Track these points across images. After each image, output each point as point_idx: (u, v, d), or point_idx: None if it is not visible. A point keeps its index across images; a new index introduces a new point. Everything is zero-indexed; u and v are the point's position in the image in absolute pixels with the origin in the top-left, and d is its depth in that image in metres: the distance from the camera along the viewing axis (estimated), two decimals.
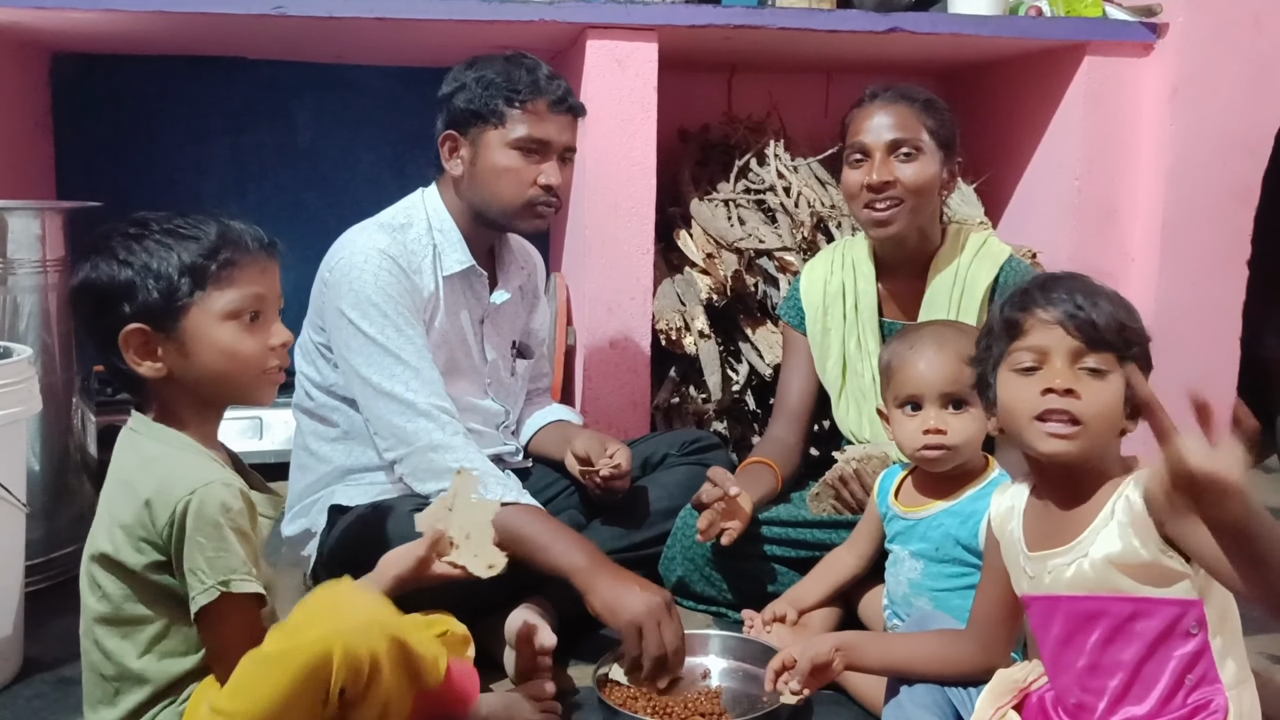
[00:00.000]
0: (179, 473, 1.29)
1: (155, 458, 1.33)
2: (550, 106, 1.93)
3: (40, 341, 2.07)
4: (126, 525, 1.30)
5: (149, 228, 1.34)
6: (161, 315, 1.32)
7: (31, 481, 1.89)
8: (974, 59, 3.11)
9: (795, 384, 2.20)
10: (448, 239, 2.00)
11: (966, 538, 1.67)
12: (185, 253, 1.32)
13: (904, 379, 1.71)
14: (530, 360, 2.21)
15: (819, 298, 2.16)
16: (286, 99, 3.16)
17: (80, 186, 2.99)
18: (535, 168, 1.94)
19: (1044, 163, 2.91)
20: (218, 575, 1.26)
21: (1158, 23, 2.70)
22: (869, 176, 1.99)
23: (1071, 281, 1.32)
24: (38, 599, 1.96)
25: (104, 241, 1.34)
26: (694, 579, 2.01)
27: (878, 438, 2.08)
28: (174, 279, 1.31)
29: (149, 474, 1.30)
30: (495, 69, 1.94)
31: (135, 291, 1.31)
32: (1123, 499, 1.25)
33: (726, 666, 1.75)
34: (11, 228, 2.06)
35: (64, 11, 2.39)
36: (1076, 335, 1.27)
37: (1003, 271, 2.05)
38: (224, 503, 1.28)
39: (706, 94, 3.17)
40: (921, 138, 2.00)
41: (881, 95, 2.04)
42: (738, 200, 2.82)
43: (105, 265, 1.32)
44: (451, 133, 1.97)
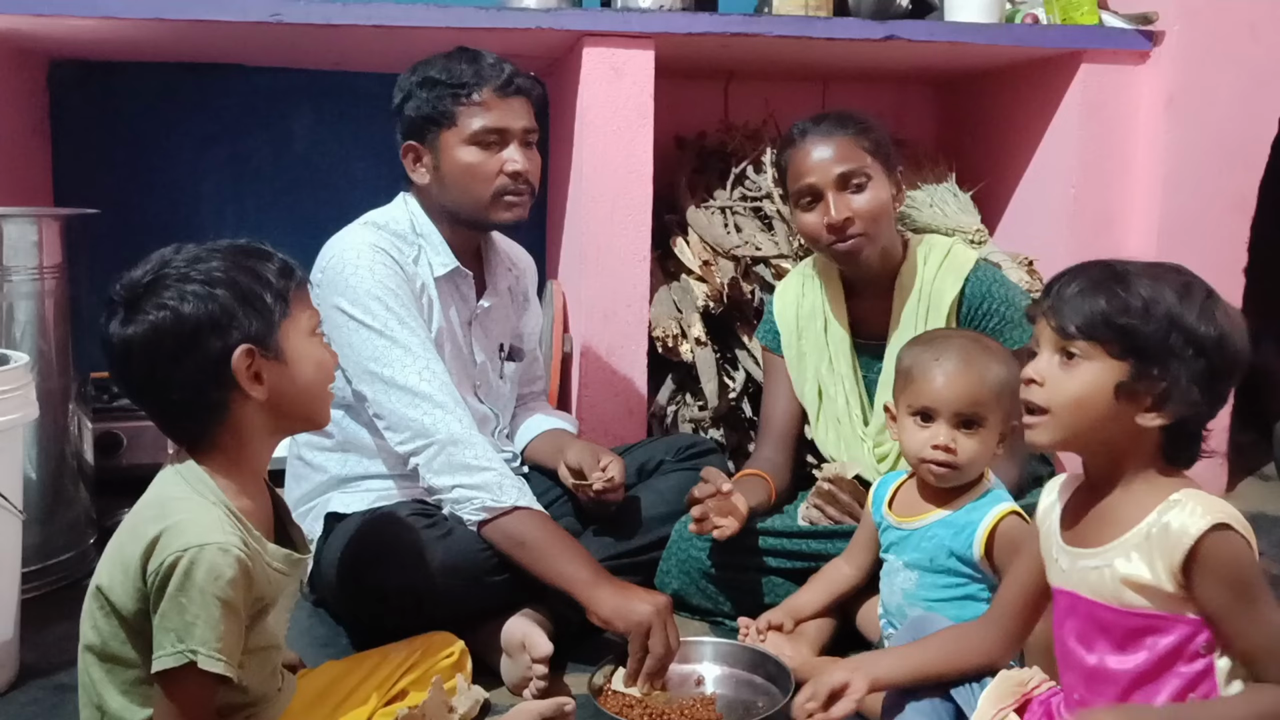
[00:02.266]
0: (185, 524, 1.26)
1: (174, 500, 1.30)
2: (498, 92, 1.91)
3: (37, 348, 2.07)
4: (126, 565, 1.27)
5: (209, 259, 1.32)
6: (264, 336, 1.32)
7: (28, 488, 1.89)
8: (970, 67, 3.11)
9: (779, 406, 2.20)
10: (430, 242, 1.99)
11: (961, 549, 1.66)
12: (269, 275, 1.34)
13: (921, 389, 1.67)
14: (520, 363, 2.21)
15: (792, 320, 2.16)
16: (284, 106, 3.16)
17: (78, 193, 2.99)
18: (498, 157, 1.92)
19: (1040, 171, 2.91)
20: (190, 643, 1.22)
21: (1154, 31, 2.71)
22: (826, 216, 1.96)
23: (1092, 268, 1.31)
24: (34, 606, 1.96)
25: (171, 275, 1.30)
26: (690, 592, 2.01)
27: (854, 460, 2.09)
28: (268, 300, 1.32)
29: (161, 518, 1.27)
30: (436, 68, 1.92)
31: (235, 315, 1.30)
32: (1160, 524, 1.24)
33: (721, 673, 1.75)
34: (8, 234, 2.05)
35: (62, 18, 2.40)
36: (1052, 321, 1.29)
37: (968, 283, 2.02)
38: (214, 569, 1.23)
39: (703, 101, 3.18)
40: (866, 163, 1.97)
41: (813, 130, 2.00)
42: (734, 207, 2.83)
43: (192, 298, 1.28)
44: (411, 143, 1.96)
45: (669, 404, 2.65)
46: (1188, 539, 1.21)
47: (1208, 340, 1.22)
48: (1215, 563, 1.21)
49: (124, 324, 1.29)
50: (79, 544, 2.22)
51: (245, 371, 1.30)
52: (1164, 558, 1.23)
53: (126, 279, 1.31)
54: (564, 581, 1.72)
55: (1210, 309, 1.24)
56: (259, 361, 1.32)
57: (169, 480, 1.34)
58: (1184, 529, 1.21)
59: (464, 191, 1.94)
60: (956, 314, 2.02)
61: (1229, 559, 1.21)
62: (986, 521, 1.65)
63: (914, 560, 1.71)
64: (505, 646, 1.75)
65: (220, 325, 1.29)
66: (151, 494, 1.34)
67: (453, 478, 1.80)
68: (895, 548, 1.75)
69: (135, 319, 1.28)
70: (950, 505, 1.70)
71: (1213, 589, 1.21)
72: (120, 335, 1.29)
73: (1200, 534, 1.20)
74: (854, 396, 2.10)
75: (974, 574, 1.67)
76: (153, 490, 1.34)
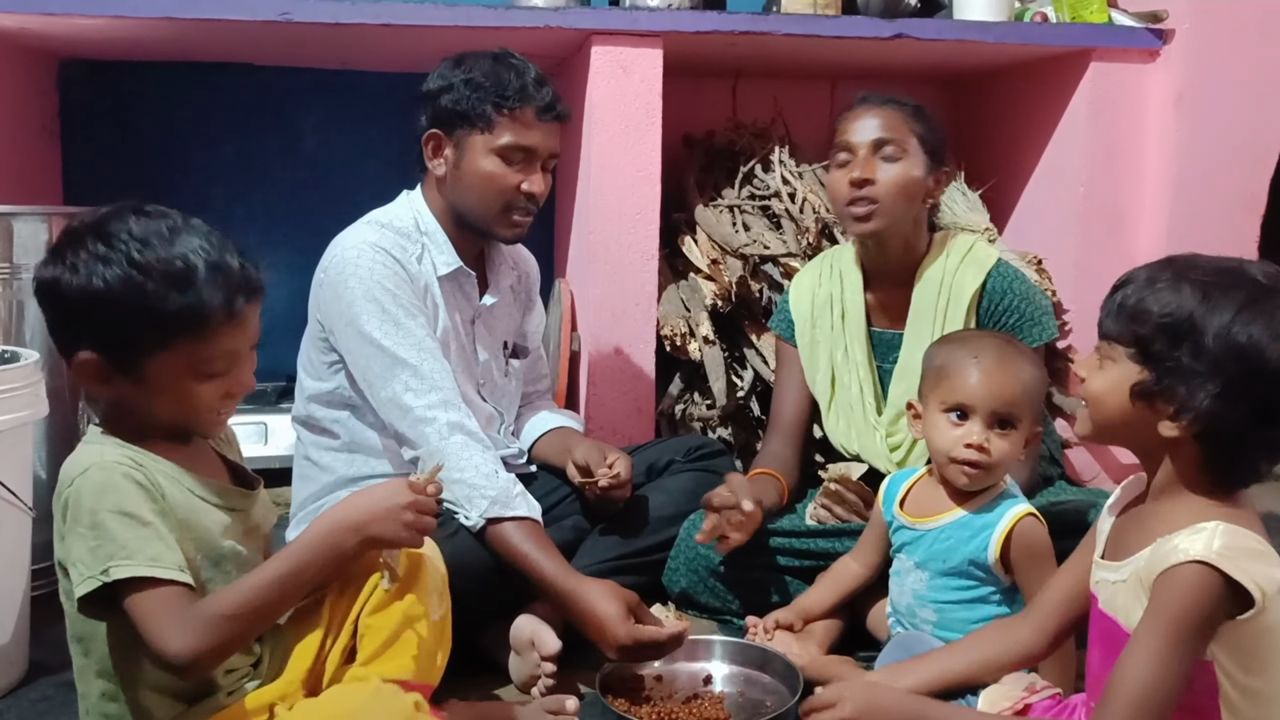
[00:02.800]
0: (69, 466, 1.22)
1: (68, 461, 1.25)
2: (538, 114, 1.91)
3: (46, 346, 2.06)
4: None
5: (132, 255, 1.21)
6: (120, 355, 1.23)
7: (37, 486, 1.89)
8: (979, 65, 3.11)
9: (789, 397, 2.19)
10: (434, 241, 1.98)
11: (975, 552, 1.66)
12: (164, 303, 1.21)
13: (957, 385, 1.65)
14: (524, 360, 2.20)
15: (807, 309, 2.15)
16: (292, 105, 3.17)
17: (87, 192, 3.00)
18: (519, 175, 1.92)
19: (1049, 169, 2.91)
20: (98, 565, 1.18)
21: (1163, 29, 2.70)
22: (851, 173, 1.98)
23: (1157, 267, 1.28)
24: (43, 603, 1.96)
25: (81, 249, 1.22)
26: (698, 590, 2.01)
27: (866, 450, 2.08)
28: (140, 329, 1.21)
29: (60, 478, 1.24)
30: (483, 70, 1.91)
31: (100, 324, 1.21)
32: (1168, 544, 1.21)
33: (729, 672, 1.75)
34: (19, 233, 2.06)
35: (71, 18, 2.40)
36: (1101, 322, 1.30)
37: (989, 278, 2.02)
38: (98, 487, 1.19)
39: (711, 100, 3.18)
40: (907, 140, 1.99)
41: (870, 99, 2.04)
42: (742, 206, 2.82)
43: (87, 270, 1.21)
44: (436, 132, 1.95)
45: (677, 403, 2.65)
46: (1171, 560, 1.18)
47: (1222, 354, 1.18)
48: (1170, 590, 1.18)
49: (41, 264, 1.24)
50: None
51: (85, 374, 1.24)
52: (1149, 575, 1.21)
53: (74, 219, 1.26)
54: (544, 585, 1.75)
55: (1252, 322, 1.17)
56: (109, 372, 1.24)
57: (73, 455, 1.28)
58: (1175, 551, 1.19)
59: (476, 197, 1.94)
60: (976, 309, 2.02)
61: (1180, 596, 1.17)
62: (1003, 524, 1.65)
63: (926, 561, 1.70)
64: (514, 644, 1.75)
65: (81, 319, 1.22)
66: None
67: (449, 491, 1.78)
68: (907, 548, 1.74)
69: (48, 259, 1.23)
70: (965, 506, 1.69)
71: (1149, 611, 1.20)
72: (35, 275, 1.25)
73: (1183, 561, 1.17)
74: (868, 385, 2.09)
75: (986, 577, 1.67)
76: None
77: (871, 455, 2.08)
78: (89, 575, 1.18)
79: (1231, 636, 1.19)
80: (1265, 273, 1.22)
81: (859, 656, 1.83)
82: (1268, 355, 1.17)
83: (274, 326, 3.50)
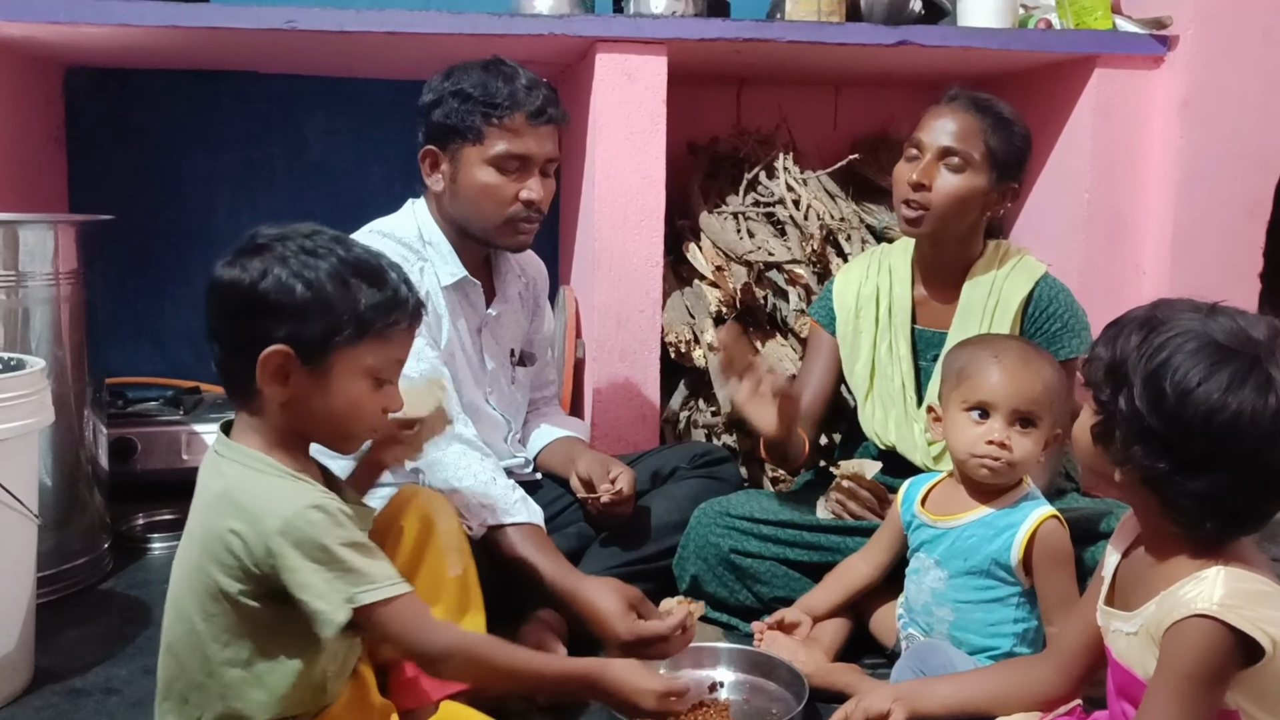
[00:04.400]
0: (266, 507, 1.27)
1: (240, 491, 1.30)
2: (529, 119, 1.89)
3: (52, 354, 2.08)
4: (217, 565, 1.28)
5: (325, 255, 1.32)
6: (312, 347, 1.29)
7: (43, 493, 1.90)
8: (983, 72, 3.11)
9: (813, 381, 2.20)
10: (438, 251, 1.98)
11: (997, 551, 1.66)
12: (362, 299, 1.31)
13: (979, 384, 1.66)
14: (532, 368, 2.20)
15: (852, 300, 2.16)
16: (297, 112, 3.18)
17: (93, 199, 3.01)
18: (516, 184, 1.91)
19: (1054, 176, 2.91)
20: (344, 591, 1.25)
21: (1168, 35, 2.70)
22: (912, 174, 1.99)
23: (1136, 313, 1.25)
24: (49, 610, 1.97)
25: (284, 248, 1.31)
26: (706, 578, 2.01)
27: (902, 441, 2.09)
28: (340, 319, 1.29)
29: (237, 512, 1.28)
30: (472, 81, 1.89)
31: (299, 313, 1.29)
32: (1172, 595, 1.19)
33: (736, 679, 1.75)
34: (25, 240, 2.06)
35: (78, 26, 2.41)
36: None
37: (1038, 287, 2.05)
38: (323, 523, 1.26)
39: (715, 107, 3.18)
40: (975, 152, 1.99)
41: (960, 99, 2.04)
42: (747, 213, 2.83)
43: (276, 276, 1.29)
44: (431, 148, 1.95)
45: (681, 410, 2.65)
46: (1176, 614, 1.17)
47: (1151, 402, 1.15)
48: (1178, 645, 1.16)
49: (223, 265, 1.32)
50: (93, 549, 2.22)
51: (270, 367, 1.29)
52: (1158, 629, 1.19)
53: (259, 229, 1.35)
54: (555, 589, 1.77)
55: (1177, 368, 1.14)
56: (292, 365, 1.29)
57: (221, 471, 1.33)
58: (1179, 604, 1.17)
59: (476, 209, 1.94)
60: (1022, 315, 2.04)
61: (1188, 652, 1.16)
62: (1027, 524, 1.65)
63: (947, 560, 1.70)
64: None
65: (276, 313, 1.28)
66: (211, 480, 1.33)
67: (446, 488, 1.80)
68: (927, 546, 1.74)
69: (230, 266, 1.31)
70: (989, 506, 1.69)
71: (1159, 668, 1.18)
72: (214, 274, 1.32)
73: (1188, 615, 1.16)
74: (910, 380, 2.11)
75: (1008, 578, 1.67)
76: (211, 485, 1.33)
77: (908, 448, 2.08)
78: (334, 607, 1.24)
79: (1251, 682, 1.17)
80: (1226, 330, 1.17)
81: (864, 663, 1.83)
82: (1187, 402, 1.14)
83: None
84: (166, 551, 2.41)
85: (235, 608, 1.29)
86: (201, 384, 3.06)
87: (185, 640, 1.32)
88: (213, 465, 1.35)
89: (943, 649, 1.64)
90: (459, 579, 1.56)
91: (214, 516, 1.29)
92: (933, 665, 1.59)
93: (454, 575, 1.55)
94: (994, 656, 1.66)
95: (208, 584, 1.29)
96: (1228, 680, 1.16)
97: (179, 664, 1.33)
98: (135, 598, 2.15)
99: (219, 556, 1.28)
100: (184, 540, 1.35)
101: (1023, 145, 2.05)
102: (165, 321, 3.17)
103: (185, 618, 1.31)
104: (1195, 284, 2.71)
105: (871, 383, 2.14)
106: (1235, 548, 1.21)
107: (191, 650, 1.31)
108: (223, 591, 1.28)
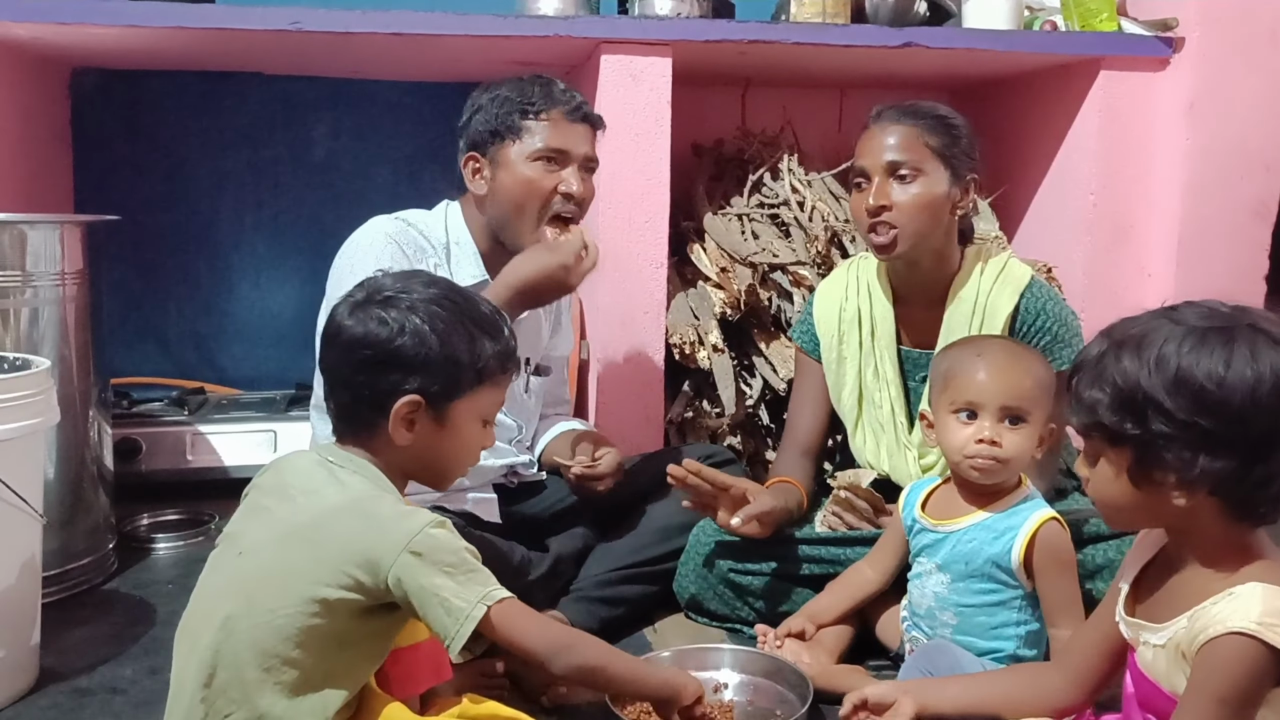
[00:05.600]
0: (393, 525, 1.30)
1: (364, 500, 1.34)
2: (566, 115, 1.96)
3: (58, 353, 2.08)
4: (335, 579, 1.29)
5: (445, 307, 1.38)
6: (439, 397, 1.37)
7: (48, 493, 1.90)
8: (989, 74, 3.11)
9: (806, 411, 2.15)
10: (464, 251, 2.00)
11: (998, 554, 1.65)
12: (482, 350, 1.39)
13: (965, 384, 1.65)
14: (546, 378, 2.20)
15: (834, 324, 2.10)
16: (303, 113, 3.18)
17: (99, 200, 3.02)
18: (555, 175, 1.95)
19: (1059, 178, 2.90)
20: (474, 599, 1.29)
21: (1173, 37, 2.70)
22: (868, 200, 1.94)
23: (1091, 351, 1.24)
24: (54, 610, 1.97)
25: (410, 299, 1.37)
26: (707, 596, 2.01)
27: (896, 470, 2.05)
28: (464, 371, 1.38)
29: (366, 523, 1.31)
30: (509, 87, 1.97)
31: (428, 366, 1.36)
32: (1204, 610, 1.18)
33: (740, 681, 1.74)
34: (31, 241, 2.07)
35: (84, 27, 2.42)
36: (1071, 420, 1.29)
37: (1023, 298, 1.98)
38: (448, 537, 1.31)
39: (720, 108, 3.18)
40: (923, 158, 1.92)
41: (885, 115, 1.96)
42: (751, 214, 2.83)
43: (407, 330, 1.35)
44: (473, 154, 1.99)
45: (686, 411, 2.65)
46: (1212, 631, 1.15)
47: (1187, 408, 1.14)
48: (1213, 663, 1.15)
49: (348, 314, 1.39)
50: (98, 549, 2.23)
51: (402, 415, 1.36)
52: (1190, 645, 1.18)
53: (378, 280, 1.43)
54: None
55: (1196, 365, 1.14)
56: (420, 414, 1.37)
57: (343, 481, 1.36)
58: (1214, 621, 1.15)
59: (516, 207, 1.96)
60: (1010, 329, 1.98)
61: (1223, 670, 1.14)
62: (1027, 527, 1.64)
63: (948, 564, 1.70)
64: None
65: (409, 365, 1.35)
66: (333, 499, 1.34)
67: None
68: (928, 550, 1.74)
69: (357, 315, 1.38)
70: (989, 509, 1.69)
71: (1191, 685, 1.16)
72: (340, 322, 1.39)
73: (1224, 633, 1.14)
74: (899, 404, 2.05)
75: (1009, 581, 1.66)
76: (328, 493, 1.35)
77: (902, 476, 2.03)
78: (466, 615, 1.28)
79: None
80: (1198, 315, 1.18)
81: (869, 665, 1.83)
82: (1228, 388, 1.13)
83: (283, 334, 3.53)
84: (171, 552, 2.41)
85: (327, 614, 1.28)
86: (206, 384, 3.07)
87: (243, 638, 1.29)
88: (328, 474, 1.37)
89: (950, 650, 1.64)
90: None
91: (337, 522, 1.32)
92: (940, 666, 1.59)
93: None
94: (998, 659, 1.66)
95: (303, 588, 1.28)
96: (1262, 698, 1.15)
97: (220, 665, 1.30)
98: (140, 598, 2.15)
99: (336, 562, 1.28)
100: (259, 540, 1.34)
101: (965, 135, 1.97)
102: (170, 322, 3.17)
103: (252, 613, 1.29)
104: (1201, 286, 2.71)
105: (860, 409, 2.09)
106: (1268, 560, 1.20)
107: (244, 652, 1.29)
108: (322, 598, 1.28)
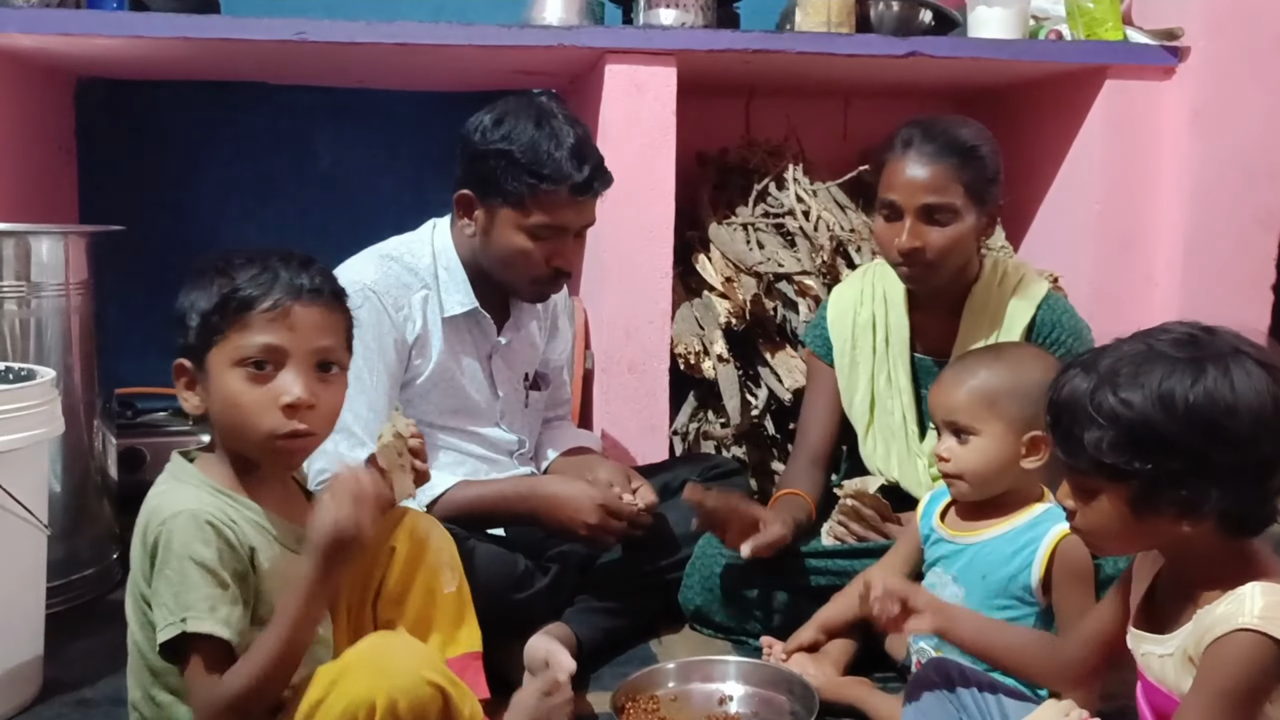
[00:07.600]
0: (159, 505, 1.30)
1: (155, 495, 1.34)
2: (572, 192, 1.86)
3: (63, 364, 2.08)
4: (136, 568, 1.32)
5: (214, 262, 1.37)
6: (193, 355, 1.36)
7: (53, 503, 1.90)
8: (994, 82, 3.10)
9: (818, 417, 2.14)
10: (453, 278, 1.97)
11: (1017, 569, 1.63)
12: (210, 295, 1.34)
13: (930, 404, 1.71)
14: (545, 391, 2.19)
15: (848, 329, 2.09)
16: (308, 124, 3.19)
17: (103, 210, 3.01)
18: (548, 249, 1.90)
19: (1064, 187, 2.90)
20: (178, 612, 1.24)
21: (1179, 46, 2.69)
22: (899, 239, 1.91)
23: (1065, 382, 1.23)
24: (58, 621, 1.96)
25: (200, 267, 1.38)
26: (713, 609, 2.00)
27: (906, 478, 2.05)
28: (195, 322, 1.34)
29: (144, 511, 1.32)
30: (523, 141, 1.84)
31: (183, 325, 1.35)
32: (1211, 613, 1.18)
33: (745, 692, 1.74)
34: (36, 251, 2.07)
35: (89, 38, 2.42)
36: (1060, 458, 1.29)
37: (1040, 310, 1.99)
38: (184, 533, 1.26)
39: (725, 118, 3.17)
40: (956, 199, 1.89)
41: (918, 146, 1.91)
42: (756, 224, 2.82)
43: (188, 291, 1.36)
44: (468, 193, 1.92)
45: (691, 421, 2.65)
46: (1217, 631, 1.16)
47: (1208, 440, 1.13)
48: (1218, 660, 1.15)
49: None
50: (103, 559, 2.23)
51: (178, 381, 1.37)
52: (1196, 648, 1.18)
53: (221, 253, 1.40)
54: (511, 505, 1.87)
55: (1204, 397, 1.13)
56: (192, 376, 1.37)
57: (158, 480, 1.38)
58: (1218, 621, 1.16)
59: (505, 267, 1.93)
60: (1026, 340, 1.97)
61: (1228, 666, 1.14)
62: (1047, 541, 1.62)
63: (964, 576, 1.68)
64: (528, 664, 1.74)
65: (177, 327, 1.37)
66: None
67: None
68: (944, 561, 1.72)
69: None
70: (1007, 522, 1.67)
71: (1197, 684, 1.17)
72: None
73: (1229, 630, 1.15)
74: (911, 412, 2.05)
75: (1026, 597, 1.64)
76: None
77: (912, 484, 2.03)
78: (169, 622, 1.25)
79: None
80: (1174, 344, 1.17)
81: (875, 678, 1.82)
82: (1238, 417, 1.13)
83: None
84: None
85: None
86: None
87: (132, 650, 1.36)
88: (160, 476, 1.40)
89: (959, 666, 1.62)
90: (453, 595, 1.55)
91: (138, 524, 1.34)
92: (951, 677, 1.58)
93: (448, 591, 1.54)
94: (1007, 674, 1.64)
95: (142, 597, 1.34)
96: (1268, 694, 1.15)
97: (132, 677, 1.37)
98: None
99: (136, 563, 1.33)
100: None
101: (994, 163, 1.96)
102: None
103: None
104: (1206, 296, 2.70)
105: (871, 416, 2.08)
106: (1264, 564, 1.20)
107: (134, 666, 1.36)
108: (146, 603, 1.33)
